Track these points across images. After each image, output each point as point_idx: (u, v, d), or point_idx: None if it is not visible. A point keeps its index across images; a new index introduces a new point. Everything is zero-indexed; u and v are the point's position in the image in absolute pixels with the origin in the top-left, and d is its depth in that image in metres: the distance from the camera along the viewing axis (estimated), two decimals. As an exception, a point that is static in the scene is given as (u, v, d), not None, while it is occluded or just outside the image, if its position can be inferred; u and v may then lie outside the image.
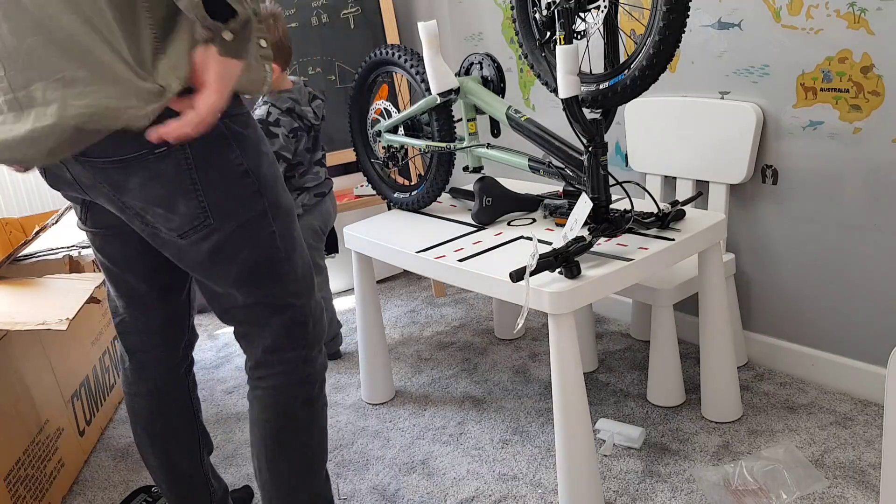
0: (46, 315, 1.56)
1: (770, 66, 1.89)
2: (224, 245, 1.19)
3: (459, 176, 2.10)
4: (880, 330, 1.86)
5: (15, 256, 1.89)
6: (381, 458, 1.94)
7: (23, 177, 2.66)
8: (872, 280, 1.85)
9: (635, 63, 1.52)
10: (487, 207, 1.90)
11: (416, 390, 2.25)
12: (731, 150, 1.97)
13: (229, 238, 1.18)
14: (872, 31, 1.68)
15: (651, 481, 1.72)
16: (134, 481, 1.95)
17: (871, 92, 1.73)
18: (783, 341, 2.08)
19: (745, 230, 2.08)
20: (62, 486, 1.91)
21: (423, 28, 1.87)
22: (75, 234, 2.04)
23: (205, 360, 2.60)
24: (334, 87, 2.86)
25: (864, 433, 1.80)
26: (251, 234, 1.20)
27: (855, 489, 1.61)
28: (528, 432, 1.96)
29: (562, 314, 1.49)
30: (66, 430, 1.99)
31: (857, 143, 1.78)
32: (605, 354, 2.33)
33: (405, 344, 2.57)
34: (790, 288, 2.02)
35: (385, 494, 1.79)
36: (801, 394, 1.99)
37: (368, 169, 2.26)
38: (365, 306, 2.12)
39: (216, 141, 1.12)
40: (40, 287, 1.76)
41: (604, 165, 1.61)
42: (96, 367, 2.24)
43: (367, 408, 2.19)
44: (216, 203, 1.15)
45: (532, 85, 2.59)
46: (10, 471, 1.70)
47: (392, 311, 2.84)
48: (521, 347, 2.43)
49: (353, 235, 2.03)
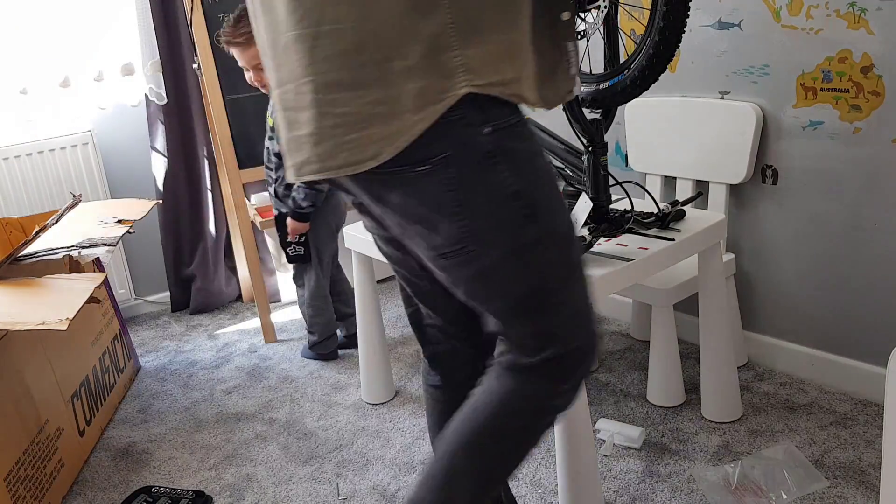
0: (46, 315, 1.56)
1: (770, 66, 1.89)
2: (488, 273, 1.06)
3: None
4: (880, 330, 1.86)
5: (15, 256, 1.89)
6: (381, 458, 1.94)
7: (23, 177, 2.66)
8: (872, 280, 1.85)
9: (635, 63, 1.52)
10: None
11: (416, 390, 2.25)
12: (731, 150, 1.97)
13: (495, 266, 1.05)
14: (872, 31, 1.68)
15: (651, 481, 1.72)
16: (134, 481, 1.95)
17: (871, 92, 1.73)
18: (783, 341, 2.08)
19: (745, 230, 2.08)
20: (62, 486, 1.91)
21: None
22: (75, 234, 2.04)
23: (205, 360, 2.60)
24: (334, 87, 2.86)
25: (864, 433, 1.80)
26: (520, 262, 1.05)
27: (855, 489, 1.61)
28: (528, 432, 1.96)
29: (562, 314, 1.49)
30: (66, 430, 1.99)
31: (857, 143, 1.78)
32: (605, 354, 2.33)
33: (405, 344, 2.57)
34: (790, 288, 2.02)
35: (385, 494, 1.79)
36: (801, 394, 1.99)
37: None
38: (365, 306, 2.12)
39: (483, 158, 0.99)
40: (40, 287, 1.76)
41: (604, 165, 1.61)
42: (96, 367, 2.24)
43: (367, 408, 2.19)
44: (480, 229, 1.02)
45: (532, 85, 2.59)
46: (10, 471, 1.70)
47: (392, 311, 2.84)
48: (521, 347, 2.43)
49: (353, 235, 2.03)
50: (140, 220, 2.19)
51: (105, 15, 2.67)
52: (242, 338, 2.76)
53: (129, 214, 2.20)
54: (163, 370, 2.56)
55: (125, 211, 2.24)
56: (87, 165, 2.76)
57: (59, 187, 2.73)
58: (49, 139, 2.69)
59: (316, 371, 2.45)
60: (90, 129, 2.76)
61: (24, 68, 2.59)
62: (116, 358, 2.41)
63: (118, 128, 2.85)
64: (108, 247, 1.95)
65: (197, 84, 2.78)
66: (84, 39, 2.65)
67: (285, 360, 2.54)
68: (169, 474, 1.97)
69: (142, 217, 2.20)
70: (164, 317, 3.02)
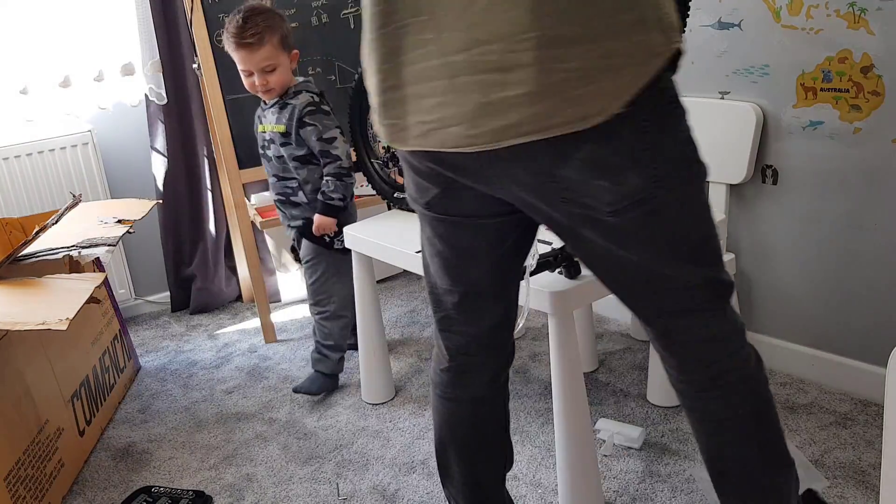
0: (46, 315, 1.56)
1: (770, 66, 1.89)
2: (668, 221, 1.06)
3: (459, 176, 2.10)
4: (880, 330, 1.86)
5: (15, 256, 1.89)
6: (381, 458, 1.94)
7: (23, 177, 2.66)
8: (872, 280, 1.85)
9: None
10: (487, 207, 1.90)
11: (417, 390, 2.25)
12: (731, 150, 1.97)
13: (675, 213, 1.06)
14: (872, 31, 1.68)
15: (651, 481, 1.72)
16: (134, 481, 1.95)
17: (871, 92, 1.73)
18: (783, 341, 2.08)
19: (745, 230, 2.08)
20: (62, 486, 1.91)
21: (423, 28, 1.87)
22: (75, 234, 2.04)
23: (205, 360, 2.60)
24: (334, 87, 2.86)
25: (864, 433, 1.80)
26: (692, 205, 1.08)
27: (855, 489, 1.61)
28: (528, 432, 1.96)
29: (561, 314, 1.49)
30: (66, 430, 1.99)
31: (857, 143, 1.78)
32: (605, 354, 2.33)
33: (405, 344, 2.57)
34: (790, 288, 2.02)
35: (385, 494, 1.79)
36: (801, 394, 1.99)
37: (368, 169, 2.26)
38: (365, 306, 2.12)
39: (671, 103, 1.04)
40: (40, 287, 1.76)
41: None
42: (96, 367, 2.24)
43: (367, 408, 2.19)
44: (666, 174, 1.03)
45: (532, 85, 2.59)
46: (10, 471, 1.70)
47: (392, 311, 2.84)
48: (521, 347, 2.43)
49: (353, 235, 2.03)
50: (140, 220, 2.19)
51: (105, 15, 2.67)
52: (242, 338, 2.76)
53: (129, 214, 2.20)
54: (163, 370, 2.56)
55: (125, 211, 2.24)
56: (87, 165, 2.76)
57: (59, 187, 2.73)
58: (49, 139, 2.69)
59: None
60: (90, 129, 2.76)
61: (24, 68, 2.59)
62: (116, 358, 2.41)
63: (118, 128, 2.85)
64: (108, 247, 1.95)
65: (197, 84, 2.78)
66: (84, 39, 2.65)
67: (285, 360, 2.54)
68: (169, 474, 1.97)
69: (142, 217, 2.20)
70: (164, 317, 3.02)
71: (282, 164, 2.18)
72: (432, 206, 1.19)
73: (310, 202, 2.19)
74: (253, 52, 2.02)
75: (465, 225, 1.19)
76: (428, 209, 1.20)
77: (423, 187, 1.18)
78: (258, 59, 2.03)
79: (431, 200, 1.18)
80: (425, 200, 1.19)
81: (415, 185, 1.19)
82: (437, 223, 1.21)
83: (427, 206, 1.20)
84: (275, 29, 2.04)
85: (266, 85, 2.07)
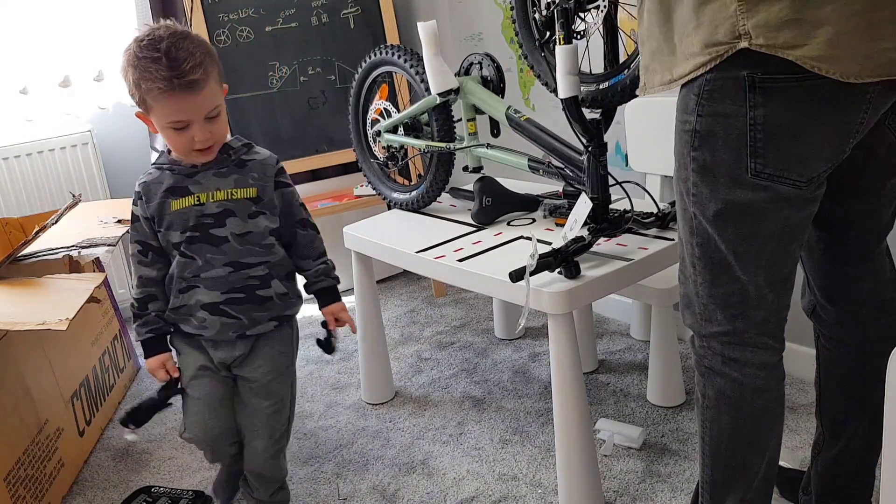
0: (46, 315, 1.56)
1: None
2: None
3: (459, 176, 2.10)
4: (880, 330, 1.85)
5: (15, 256, 1.89)
6: (381, 458, 1.94)
7: (23, 177, 2.66)
8: (872, 280, 1.84)
9: (635, 63, 1.52)
10: (487, 207, 1.90)
11: (416, 390, 2.25)
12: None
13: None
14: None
15: (651, 481, 1.72)
16: (134, 481, 1.95)
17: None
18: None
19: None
20: (62, 486, 1.91)
21: (422, 28, 1.87)
22: (75, 234, 2.04)
23: (205, 360, 2.60)
24: (334, 87, 2.86)
25: (864, 433, 1.79)
26: None
27: (855, 489, 1.61)
28: (528, 432, 1.96)
29: (561, 314, 1.49)
30: (66, 430, 1.99)
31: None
32: (605, 354, 2.33)
33: (405, 344, 2.57)
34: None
35: (385, 494, 1.79)
36: (801, 394, 1.99)
37: (368, 169, 2.26)
38: (365, 306, 2.12)
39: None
40: (40, 287, 1.76)
41: (603, 165, 1.61)
42: (96, 367, 2.24)
43: (366, 408, 2.19)
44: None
45: (532, 85, 2.59)
46: (10, 471, 1.70)
47: (392, 311, 2.84)
48: (521, 347, 2.43)
49: (353, 235, 2.03)
50: (140, 220, 2.19)
51: (105, 15, 2.68)
52: (242, 338, 2.76)
53: (129, 214, 2.20)
54: (163, 370, 2.56)
55: (125, 211, 2.24)
56: (87, 165, 2.76)
57: (59, 187, 2.73)
58: (49, 139, 2.69)
59: (316, 371, 2.45)
60: (90, 128, 2.76)
61: (24, 68, 2.59)
62: (116, 358, 2.41)
63: (118, 128, 2.85)
64: (107, 247, 1.95)
65: (197, 84, 2.78)
66: (84, 39, 2.65)
67: (285, 360, 2.54)
68: (169, 474, 1.97)
69: (142, 217, 2.20)
70: (164, 317, 3.02)
71: (244, 244, 1.52)
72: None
73: (289, 293, 1.60)
74: (197, 94, 1.39)
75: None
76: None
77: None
78: (204, 101, 1.41)
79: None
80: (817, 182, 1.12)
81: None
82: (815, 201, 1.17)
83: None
84: (213, 58, 1.45)
85: (209, 139, 1.45)
